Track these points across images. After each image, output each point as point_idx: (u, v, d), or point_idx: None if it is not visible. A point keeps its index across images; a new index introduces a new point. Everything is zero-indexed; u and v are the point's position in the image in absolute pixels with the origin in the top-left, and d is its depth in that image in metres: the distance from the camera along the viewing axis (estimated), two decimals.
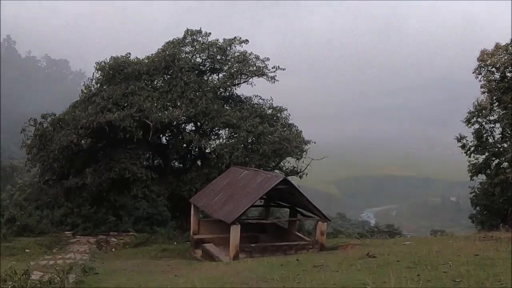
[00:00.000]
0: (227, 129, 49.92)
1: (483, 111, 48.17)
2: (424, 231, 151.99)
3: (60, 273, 20.02)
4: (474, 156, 50.64)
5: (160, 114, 45.10)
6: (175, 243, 41.61)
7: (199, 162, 52.52)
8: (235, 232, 30.24)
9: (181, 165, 54.36)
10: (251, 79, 51.81)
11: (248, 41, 51.99)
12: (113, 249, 40.45)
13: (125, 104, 46.05)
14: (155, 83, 50.42)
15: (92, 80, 50.06)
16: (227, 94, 53.68)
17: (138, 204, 48.76)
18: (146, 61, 49.63)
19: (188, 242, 39.66)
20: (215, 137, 51.21)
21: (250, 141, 48.10)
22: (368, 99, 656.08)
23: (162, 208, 49.76)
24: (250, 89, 53.48)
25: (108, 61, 48.92)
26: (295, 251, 31.72)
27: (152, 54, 50.71)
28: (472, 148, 50.28)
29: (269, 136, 46.45)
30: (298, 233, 36.63)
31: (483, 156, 50.17)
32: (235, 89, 53.81)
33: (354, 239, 43.51)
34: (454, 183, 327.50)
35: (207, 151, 49.55)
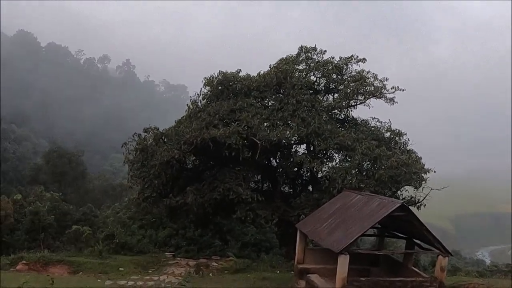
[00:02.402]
0: (340, 152, 46.44)
1: None
2: None
3: None
4: None
5: (269, 132, 42.32)
6: (278, 271, 39.25)
7: (310, 188, 49.39)
8: (343, 263, 26.82)
9: (291, 190, 51.29)
10: (368, 100, 48.24)
11: (366, 60, 48.72)
12: (211, 274, 38.34)
13: (232, 121, 43.84)
14: (265, 101, 47.72)
15: (199, 95, 48.07)
16: (342, 116, 50.37)
17: (246, 230, 47.91)
18: (257, 77, 47.00)
19: (292, 272, 36.36)
20: (328, 160, 47.86)
21: (365, 165, 44.74)
22: (483, 131, 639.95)
23: (270, 234, 48.70)
24: (368, 112, 49.98)
25: (217, 75, 46.82)
26: None
27: (263, 71, 47.92)
28: None
29: (387, 160, 42.80)
30: (414, 268, 33.04)
31: None
32: (351, 111, 50.47)
33: (475, 278, 40.11)
34: None
35: (319, 175, 46.78)
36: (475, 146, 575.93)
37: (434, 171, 46.61)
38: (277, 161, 49.49)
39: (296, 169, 48.49)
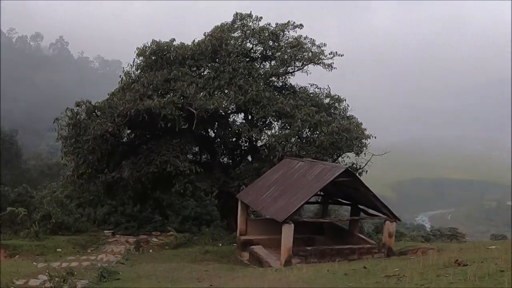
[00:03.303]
0: (280, 119, 45.35)
1: None
2: (479, 235, 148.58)
3: (63, 278, 16.70)
4: None
5: (205, 101, 41.03)
6: (220, 244, 38.24)
7: (249, 158, 48.65)
8: (287, 233, 25.94)
9: (230, 161, 50.32)
10: (306, 67, 47.30)
11: (302, 26, 47.75)
12: (151, 250, 37.42)
13: (167, 91, 42.67)
14: (201, 69, 46.40)
15: (132, 66, 46.18)
16: (280, 83, 49.44)
17: (186, 204, 47.63)
18: (191, 45, 45.50)
19: (235, 244, 35.83)
20: (267, 128, 46.76)
21: (305, 132, 44.06)
22: (429, 100, 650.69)
23: (211, 207, 48.55)
24: (306, 79, 48.99)
25: (150, 45, 45.14)
26: (358, 255, 27.70)
27: (198, 40, 46.47)
28: None
29: (327, 126, 41.82)
30: (361, 235, 32.32)
31: None
32: (289, 78, 49.52)
33: (421, 243, 39.74)
34: (510, 187, 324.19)
35: (258, 144, 46.07)
36: (418, 116, 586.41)
37: (375, 137, 46.29)
38: (215, 131, 48.24)
39: (234, 139, 47.88)
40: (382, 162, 47.42)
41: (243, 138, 47.60)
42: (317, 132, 42.81)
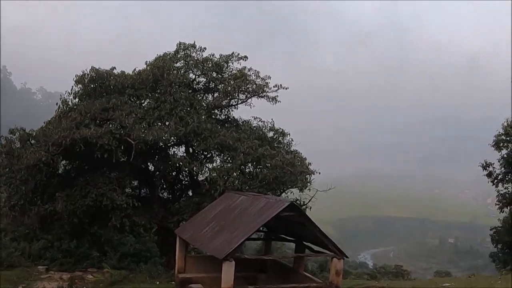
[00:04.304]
0: (222, 153, 44.20)
1: None
2: (422, 272, 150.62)
3: None
4: (503, 185, 45.63)
5: (144, 132, 39.71)
6: (158, 282, 36.80)
7: (190, 193, 47.06)
8: (228, 271, 24.24)
9: (170, 196, 48.59)
10: (250, 100, 46.54)
11: (247, 58, 46.82)
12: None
13: (105, 120, 41.04)
14: (141, 99, 45.01)
15: (70, 94, 44.49)
16: (223, 116, 48.33)
17: (125, 240, 46.15)
18: (132, 74, 44.35)
19: (173, 283, 33.96)
20: (208, 161, 45.30)
21: (248, 166, 43.25)
22: (371, 136, 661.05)
23: (150, 244, 47.12)
24: (249, 112, 48.19)
25: (89, 72, 43.67)
26: None
27: (139, 69, 45.26)
28: (500, 176, 45.29)
29: (271, 159, 40.83)
30: (306, 273, 30.93)
31: None
32: (232, 111, 48.55)
33: (369, 281, 38.84)
34: (452, 225, 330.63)
35: (199, 178, 44.68)
36: (361, 151, 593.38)
37: (319, 173, 45.46)
38: (155, 164, 46.69)
39: (175, 173, 46.66)
40: (323, 199, 46.58)
41: (183, 172, 46.31)
42: (260, 166, 41.85)
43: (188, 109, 43.26)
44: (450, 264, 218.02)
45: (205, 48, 47.01)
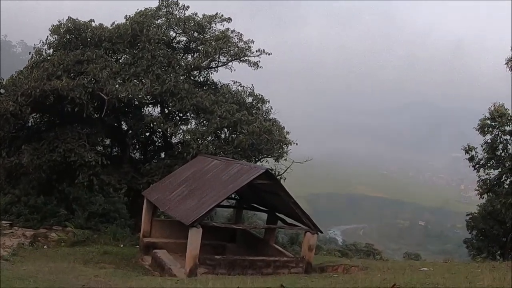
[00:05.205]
0: (198, 115, 42.78)
1: (501, 118, 42.16)
2: (391, 253, 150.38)
3: None
4: (485, 171, 44.57)
5: (118, 87, 38.14)
6: (122, 245, 35.20)
7: (163, 155, 45.84)
8: (194, 238, 22.95)
9: (142, 156, 47.27)
10: (230, 63, 45.29)
11: (231, 20, 45.26)
12: (45, 247, 34.17)
13: (78, 73, 39.23)
14: (117, 54, 43.47)
15: (44, 44, 42.52)
16: (202, 78, 46.93)
17: (94, 199, 45.38)
18: (110, 28, 42.46)
19: (138, 246, 32.64)
20: (183, 123, 44.11)
21: (224, 132, 42.05)
22: (350, 116, 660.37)
23: (120, 204, 46.42)
24: (229, 76, 46.61)
25: (65, 23, 41.76)
26: (273, 269, 24.97)
27: (118, 22, 43.43)
28: (482, 162, 44.22)
29: (248, 125, 39.46)
30: (277, 246, 29.66)
31: (496, 172, 44.14)
32: (212, 73, 47.18)
33: (340, 258, 37.69)
34: (424, 208, 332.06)
35: (173, 140, 43.75)
36: (338, 131, 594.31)
37: (296, 144, 44.17)
38: (128, 123, 45.03)
39: (148, 133, 45.48)
40: (298, 173, 45.62)
41: (157, 133, 45.22)
42: (237, 132, 40.46)
43: (166, 67, 41.75)
44: (419, 247, 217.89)
45: (188, 7, 45.51)
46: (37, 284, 17.98)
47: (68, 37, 42.21)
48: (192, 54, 46.12)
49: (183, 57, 45.89)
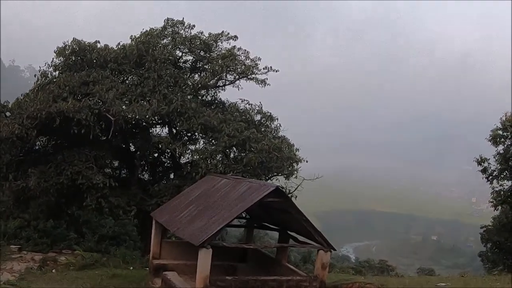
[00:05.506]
0: (206, 134, 42.30)
1: None
2: (404, 268, 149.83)
3: None
4: (498, 182, 44.12)
5: (125, 108, 38.12)
6: (131, 268, 35.03)
7: (172, 175, 45.62)
8: (204, 259, 22.42)
9: (151, 178, 46.89)
10: (238, 81, 45.13)
11: (237, 38, 45.21)
12: (54, 270, 33.84)
13: (84, 95, 39.11)
14: (123, 75, 43.59)
15: (49, 66, 42.52)
16: (209, 98, 46.79)
17: (104, 222, 45.66)
18: (116, 48, 42.58)
19: (148, 268, 31.98)
20: (191, 143, 44.00)
21: (233, 151, 41.60)
22: (359, 133, 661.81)
23: (130, 227, 46.54)
24: (237, 94, 46.28)
25: (71, 44, 41.81)
26: None
27: (124, 43, 43.53)
28: (495, 173, 43.75)
29: (257, 143, 39.10)
30: (289, 265, 29.18)
31: (510, 183, 43.78)
32: (219, 92, 47.02)
33: (354, 276, 37.36)
34: (436, 222, 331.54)
35: (182, 161, 43.31)
36: (345, 145, 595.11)
37: (307, 161, 43.63)
38: (136, 144, 44.77)
39: (156, 154, 45.28)
40: (308, 190, 45.04)
41: (165, 154, 44.92)
42: (246, 150, 40.04)
43: (173, 87, 41.69)
44: (432, 261, 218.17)
45: (194, 26, 45.47)
46: None
47: (73, 58, 42.14)
48: (199, 73, 46.02)
49: (190, 76, 45.66)
